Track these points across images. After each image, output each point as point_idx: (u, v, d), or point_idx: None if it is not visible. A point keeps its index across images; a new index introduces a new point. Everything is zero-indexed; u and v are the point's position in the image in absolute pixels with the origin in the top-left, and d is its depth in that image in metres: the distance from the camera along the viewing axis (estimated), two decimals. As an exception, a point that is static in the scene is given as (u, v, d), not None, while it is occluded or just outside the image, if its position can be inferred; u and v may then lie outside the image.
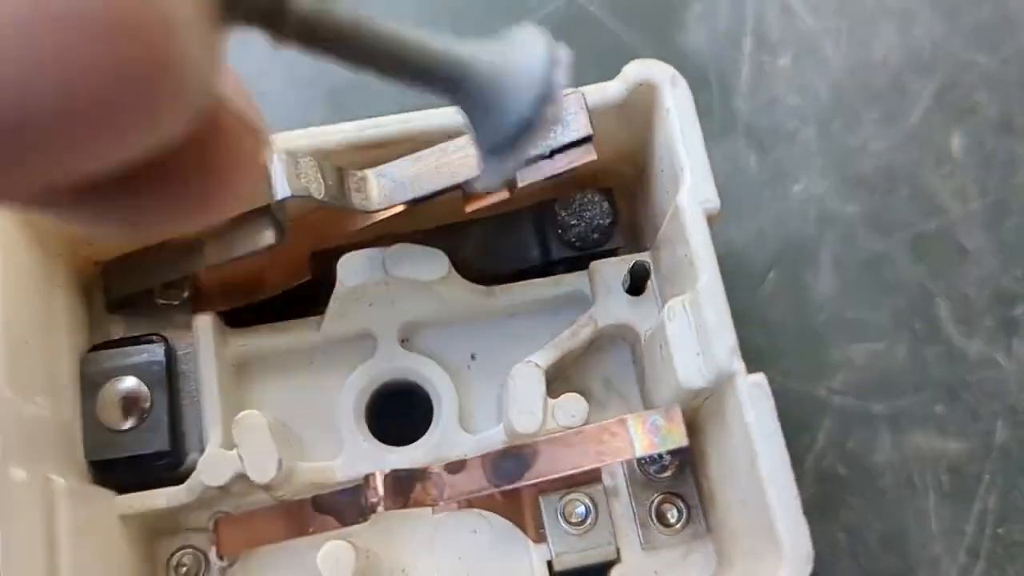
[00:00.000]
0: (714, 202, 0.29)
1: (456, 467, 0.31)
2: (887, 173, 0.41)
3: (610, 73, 0.32)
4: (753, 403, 0.28)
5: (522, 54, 0.19)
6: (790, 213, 0.40)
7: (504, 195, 0.31)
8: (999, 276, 0.39)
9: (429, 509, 0.32)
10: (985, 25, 0.43)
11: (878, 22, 0.43)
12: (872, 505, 0.37)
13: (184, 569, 0.34)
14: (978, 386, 0.38)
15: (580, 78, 0.26)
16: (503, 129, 0.19)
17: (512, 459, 0.29)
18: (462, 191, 0.30)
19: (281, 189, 0.29)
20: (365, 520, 0.31)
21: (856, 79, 0.42)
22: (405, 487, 0.31)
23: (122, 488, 0.32)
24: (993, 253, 0.39)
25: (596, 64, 0.33)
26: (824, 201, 0.40)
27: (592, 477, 0.33)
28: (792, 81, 0.41)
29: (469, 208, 0.31)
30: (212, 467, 0.31)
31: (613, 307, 0.34)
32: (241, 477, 0.31)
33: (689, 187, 0.29)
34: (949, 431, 0.37)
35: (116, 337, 0.35)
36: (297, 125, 0.32)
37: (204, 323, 0.33)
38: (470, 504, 0.33)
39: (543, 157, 0.29)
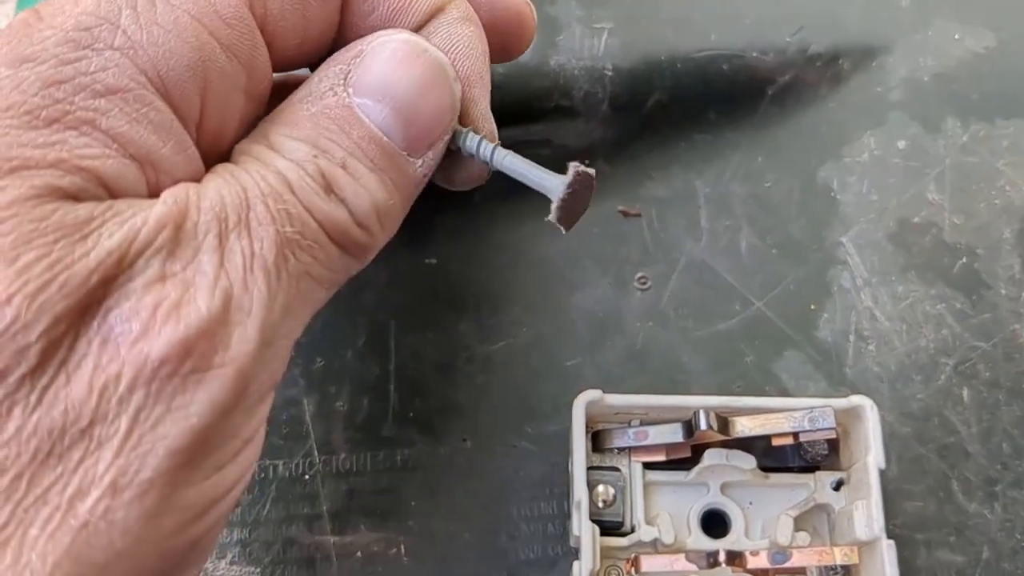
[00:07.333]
0: (882, 465, 0.69)
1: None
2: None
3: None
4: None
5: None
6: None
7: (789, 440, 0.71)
8: None
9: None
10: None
11: (923, 324, 0.82)
12: None
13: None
14: None
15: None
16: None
17: (780, 553, 0.69)
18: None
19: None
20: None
21: (911, 360, 0.81)
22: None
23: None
24: None
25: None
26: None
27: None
28: (875, 358, 0.81)
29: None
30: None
31: (824, 493, 0.74)
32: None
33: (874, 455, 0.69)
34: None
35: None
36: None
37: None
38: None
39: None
